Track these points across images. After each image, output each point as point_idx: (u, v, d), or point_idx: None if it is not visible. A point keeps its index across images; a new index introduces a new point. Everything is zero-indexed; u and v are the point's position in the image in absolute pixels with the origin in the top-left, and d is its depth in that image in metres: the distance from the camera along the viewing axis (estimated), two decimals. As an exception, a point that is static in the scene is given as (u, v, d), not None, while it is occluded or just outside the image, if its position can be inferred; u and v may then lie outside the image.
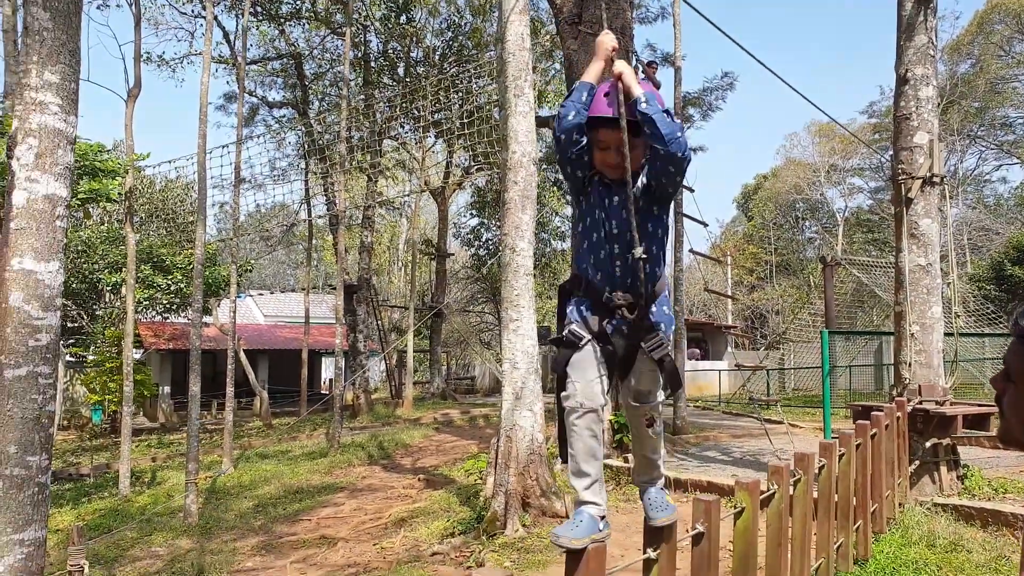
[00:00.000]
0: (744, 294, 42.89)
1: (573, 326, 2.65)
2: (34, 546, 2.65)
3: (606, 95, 2.52)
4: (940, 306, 7.05)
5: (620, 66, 2.48)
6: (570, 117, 2.51)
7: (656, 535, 2.55)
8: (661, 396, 2.72)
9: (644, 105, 2.39)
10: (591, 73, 2.57)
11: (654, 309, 2.62)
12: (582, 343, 2.61)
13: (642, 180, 2.59)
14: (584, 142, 2.56)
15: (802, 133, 47.34)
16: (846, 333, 19.60)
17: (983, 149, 37.04)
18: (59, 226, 2.69)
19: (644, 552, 2.45)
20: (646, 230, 2.58)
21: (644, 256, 2.47)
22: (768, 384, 22.52)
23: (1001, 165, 37.92)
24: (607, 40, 2.58)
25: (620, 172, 2.51)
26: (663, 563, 2.44)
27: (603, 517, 2.51)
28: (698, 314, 38.74)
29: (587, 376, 2.58)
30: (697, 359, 26.70)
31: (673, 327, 2.70)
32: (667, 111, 2.43)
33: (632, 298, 2.55)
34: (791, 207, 46.21)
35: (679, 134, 2.39)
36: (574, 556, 2.28)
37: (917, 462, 6.61)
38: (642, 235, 2.54)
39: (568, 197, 20.06)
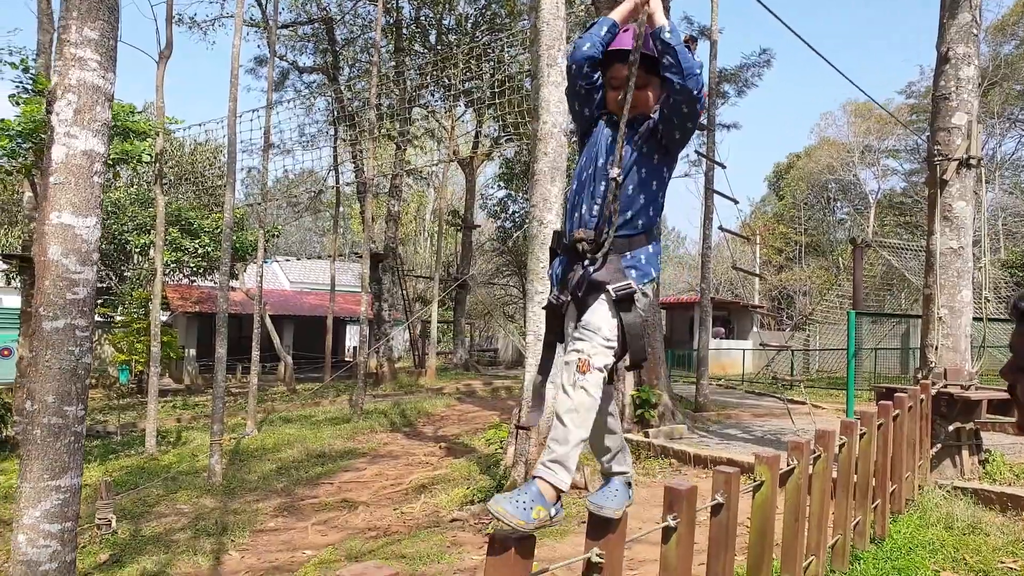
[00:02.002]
0: (772, 274, 42.49)
1: (554, 290, 2.46)
2: (70, 492, 2.75)
3: (626, 31, 2.43)
4: (970, 290, 6.95)
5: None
6: (585, 48, 2.41)
7: (602, 525, 2.30)
8: (601, 340, 2.24)
9: (668, 35, 2.29)
10: (618, 11, 2.45)
11: (628, 255, 2.37)
12: (563, 308, 2.42)
13: (650, 123, 2.45)
14: (595, 78, 2.47)
15: (837, 112, 46.64)
16: (873, 315, 19.37)
17: (1023, 133, 36.08)
18: (96, 182, 2.75)
19: (664, 520, 2.47)
20: (639, 174, 2.40)
21: (616, 178, 2.27)
22: (792, 365, 22.39)
23: (1041, 150, 36.97)
24: None
25: (632, 111, 2.38)
26: (682, 532, 2.46)
27: (629, 483, 2.49)
28: (724, 293, 38.50)
29: None
30: (722, 337, 26.59)
31: (648, 281, 2.38)
32: (688, 46, 2.31)
33: (600, 235, 2.32)
34: (823, 187, 45.47)
35: (697, 71, 2.28)
36: (600, 524, 2.28)
37: (939, 445, 6.56)
38: (631, 177, 2.38)
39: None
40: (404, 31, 22.72)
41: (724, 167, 12.79)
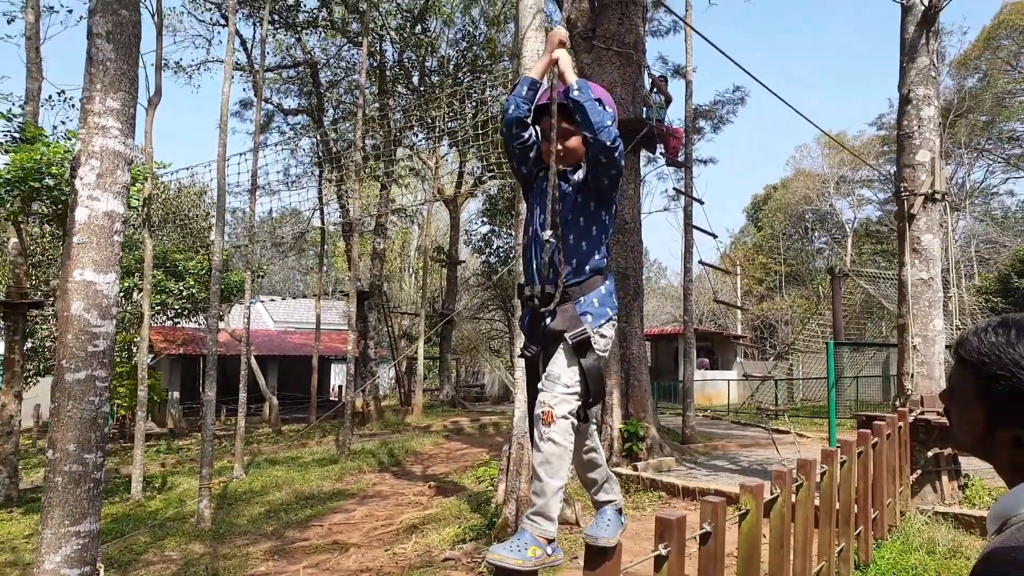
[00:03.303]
0: (753, 304, 42.95)
1: (525, 342, 2.59)
2: (89, 537, 2.86)
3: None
4: (942, 319, 7.21)
5: (558, 54, 2.46)
6: (511, 111, 2.51)
7: (598, 555, 2.44)
8: (561, 388, 2.33)
9: (576, 92, 2.36)
10: (536, 68, 2.54)
11: (582, 300, 2.45)
12: (536, 358, 2.54)
13: (581, 174, 2.54)
14: (527, 136, 2.55)
15: (812, 144, 47.58)
16: (853, 344, 19.67)
17: (991, 162, 37.05)
18: (116, 240, 2.90)
19: (656, 549, 2.62)
20: (578, 223, 2.49)
21: (551, 240, 2.39)
22: (776, 394, 22.61)
23: (1008, 178, 37.90)
24: (556, 33, 2.53)
25: (565, 161, 2.50)
26: (673, 560, 2.61)
27: (619, 510, 2.62)
28: (708, 324, 38.83)
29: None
30: (707, 368, 26.82)
31: (604, 321, 2.47)
32: (599, 100, 2.38)
33: (549, 290, 2.42)
34: (800, 217, 46.31)
35: (608, 123, 2.35)
36: (596, 554, 2.43)
37: (919, 471, 6.75)
38: (571, 226, 2.47)
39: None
40: (388, 73, 23.14)
41: (702, 203, 13.12)
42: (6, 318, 12.28)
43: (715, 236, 12.69)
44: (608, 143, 2.35)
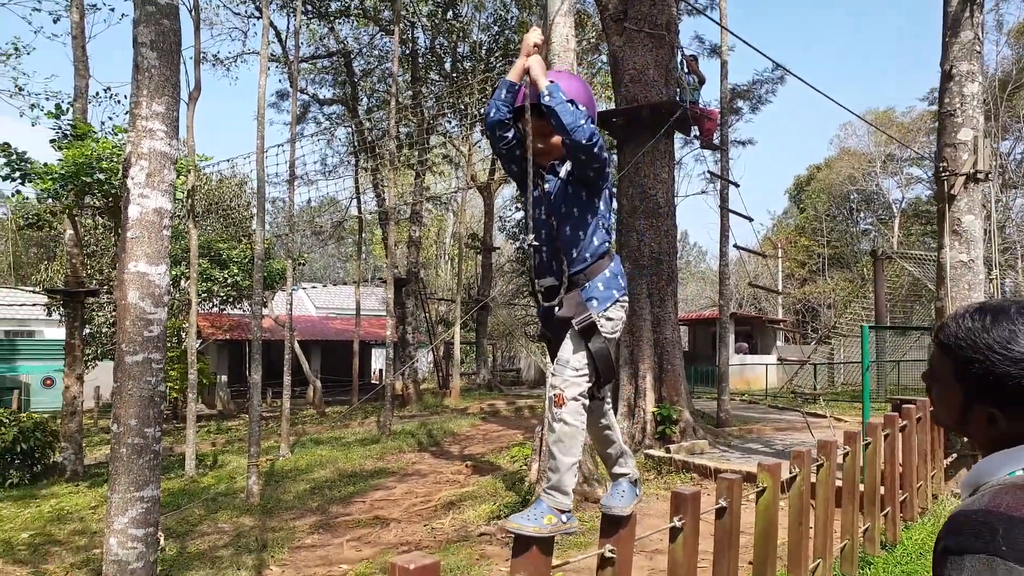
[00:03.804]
0: (795, 287, 42.33)
1: (541, 326, 2.74)
2: (151, 502, 3.16)
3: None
4: (982, 301, 7.15)
5: (530, 61, 2.53)
6: (491, 114, 2.59)
7: (613, 524, 2.60)
8: (571, 372, 2.47)
9: (547, 98, 2.42)
10: (514, 71, 2.58)
11: (587, 285, 2.57)
12: (549, 340, 2.68)
13: (568, 166, 2.63)
14: (509, 137, 2.63)
15: (857, 122, 46.42)
16: (892, 328, 19.35)
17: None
18: (165, 234, 3.14)
19: (671, 521, 2.76)
20: (572, 214, 2.59)
21: (535, 243, 2.57)
22: (815, 378, 22.39)
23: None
24: (531, 36, 2.60)
25: (547, 158, 2.60)
26: (688, 532, 2.75)
27: (635, 482, 2.75)
28: (748, 307, 38.47)
29: None
30: (745, 353, 26.66)
31: (610, 304, 2.57)
32: (571, 101, 2.42)
33: (552, 282, 2.59)
34: (845, 198, 45.28)
35: (582, 122, 2.40)
36: (612, 523, 2.59)
37: (954, 455, 6.74)
38: (566, 218, 2.58)
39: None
40: (420, 60, 23.30)
41: (737, 185, 13.05)
42: (65, 306, 12.86)
43: (751, 219, 12.63)
44: (584, 141, 2.41)
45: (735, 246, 13.51)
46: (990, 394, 1.13)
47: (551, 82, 2.46)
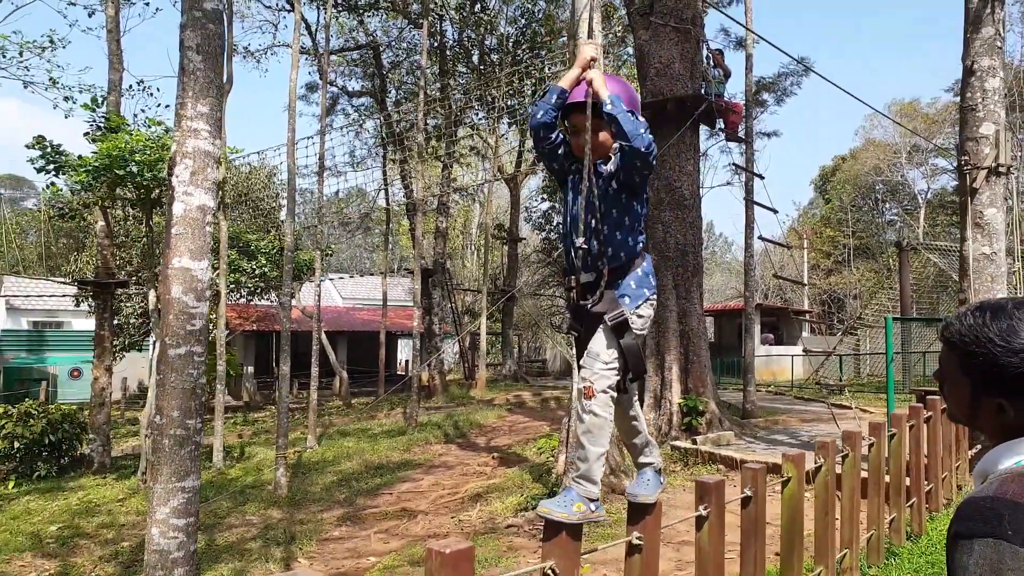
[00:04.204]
0: (821, 278, 41.91)
1: (570, 319, 2.82)
2: (192, 492, 3.27)
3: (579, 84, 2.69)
4: (1005, 294, 7.11)
5: (591, 74, 2.63)
6: (539, 116, 2.69)
7: (639, 512, 2.68)
8: (601, 365, 2.55)
9: (609, 107, 2.54)
10: (567, 79, 2.70)
11: (620, 283, 2.66)
12: (582, 336, 2.74)
13: (612, 166, 2.71)
14: (554, 138, 2.73)
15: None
16: (918, 320, 19.13)
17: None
18: (208, 231, 3.26)
19: (696, 510, 2.84)
20: (611, 215, 2.67)
21: (584, 247, 2.60)
22: (841, 370, 22.22)
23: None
24: (587, 50, 2.69)
25: (595, 154, 2.66)
26: (712, 520, 2.82)
27: (659, 471, 2.84)
28: (774, 299, 38.17)
29: None
30: (771, 344, 26.50)
31: (641, 302, 2.67)
32: (631, 111, 2.55)
33: (589, 278, 2.66)
34: (870, 189, 44.71)
35: (642, 131, 2.51)
36: (638, 511, 2.68)
37: (979, 446, 6.71)
38: (605, 217, 2.65)
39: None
40: (448, 53, 23.37)
41: (762, 178, 12.99)
42: (95, 297, 13.08)
43: (775, 211, 12.57)
44: (642, 149, 2.52)
45: (760, 238, 13.47)
46: (995, 385, 1.21)
47: (612, 93, 2.58)
